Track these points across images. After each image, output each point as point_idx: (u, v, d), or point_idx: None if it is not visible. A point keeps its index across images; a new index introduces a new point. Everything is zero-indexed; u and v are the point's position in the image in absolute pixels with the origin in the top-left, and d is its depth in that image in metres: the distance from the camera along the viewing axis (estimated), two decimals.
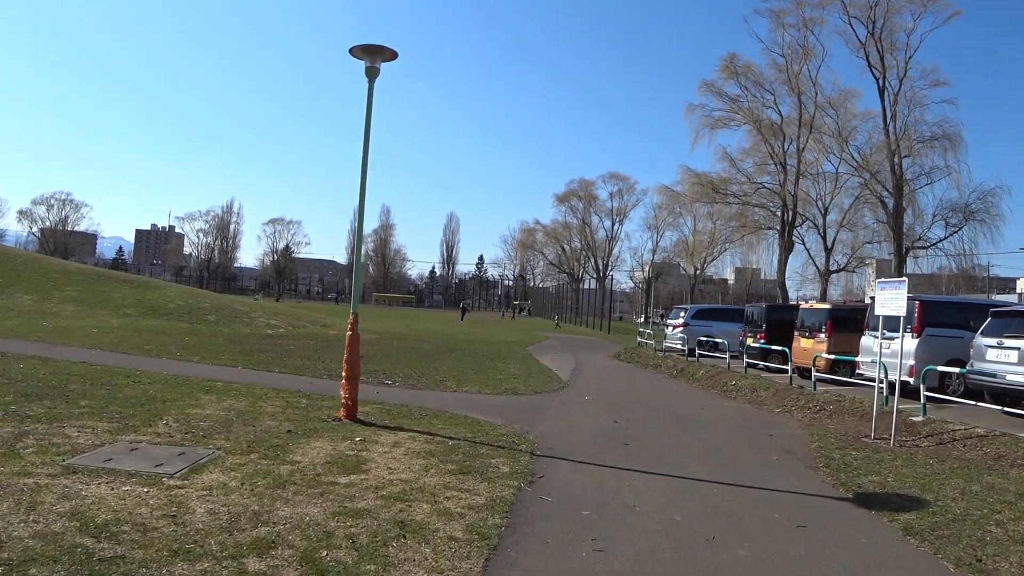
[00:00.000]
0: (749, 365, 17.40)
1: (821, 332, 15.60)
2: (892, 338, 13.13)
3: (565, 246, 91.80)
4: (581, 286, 73.79)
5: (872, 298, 14.53)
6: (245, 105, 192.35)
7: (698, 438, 9.64)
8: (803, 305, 17.60)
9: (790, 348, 15.81)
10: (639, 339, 28.84)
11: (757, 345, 17.27)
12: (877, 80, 34.67)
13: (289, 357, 17.15)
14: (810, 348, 15.70)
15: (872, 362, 11.93)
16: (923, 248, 34.91)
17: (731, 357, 18.17)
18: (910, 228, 34.78)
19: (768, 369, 17.42)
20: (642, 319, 77.06)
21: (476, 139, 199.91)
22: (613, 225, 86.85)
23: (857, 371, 13.83)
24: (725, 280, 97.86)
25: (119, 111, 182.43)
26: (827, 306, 16.32)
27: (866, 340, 13.82)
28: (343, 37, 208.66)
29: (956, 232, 34.17)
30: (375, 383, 13.61)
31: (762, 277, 79.94)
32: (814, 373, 13.35)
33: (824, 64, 37.08)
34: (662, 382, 17.75)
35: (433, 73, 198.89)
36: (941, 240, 34.47)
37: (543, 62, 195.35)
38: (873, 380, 13.16)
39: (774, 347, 16.01)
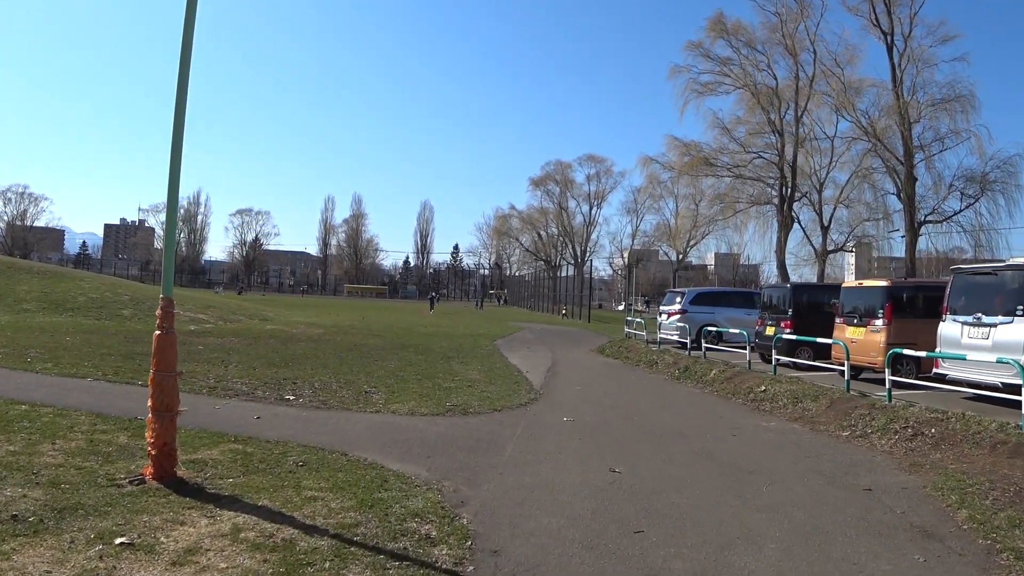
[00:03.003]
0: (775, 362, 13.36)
1: (877, 318, 11.64)
2: (993, 324, 9.37)
3: (541, 232, 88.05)
4: (558, 273, 69.87)
5: (954, 270, 10.71)
6: (213, 94, 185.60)
7: (757, 505, 5.58)
8: (846, 283, 13.57)
9: (830, 338, 12.04)
10: (627, 329, 24.90)
11: (792, 337, 13.18)
12: (886, 36, 31.05)
13: (182, 362, 13.03)
14: (861, 339, 11.80)
15: (996, 361, 8.08)
16: (935, 222, 31.40)
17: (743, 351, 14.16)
18: (921, 200, 31.25)
19: (796, 366, 13.54)
20: (623, 307, 73.35)
21: (450, 124, 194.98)
22: (591, 209, 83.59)
23: (936, 370, 9.98)
24: (705, 266, 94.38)
25: (86, 103, 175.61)
26: (883, 283, 12.28)
27: (948, 328, 9.98)
28: (313, 25, 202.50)
29: (972, 204, 30.68)
30: (272, 399, 9.78)
31: (748, 261, 76.71)
32: (888, 378, 9.40)
33: (823, 20, 33.50)
34: (664, 387, 13.64)
35: (404, 58, 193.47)
36: (956, 213, 30.92)
37: (516, 39, 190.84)
38: (965, 384, 9.46)
39: (821, 340, 11.83)
